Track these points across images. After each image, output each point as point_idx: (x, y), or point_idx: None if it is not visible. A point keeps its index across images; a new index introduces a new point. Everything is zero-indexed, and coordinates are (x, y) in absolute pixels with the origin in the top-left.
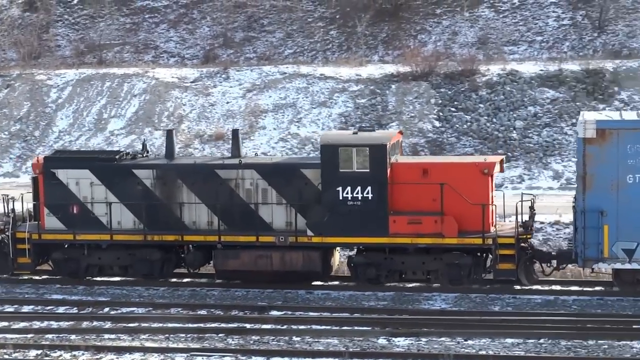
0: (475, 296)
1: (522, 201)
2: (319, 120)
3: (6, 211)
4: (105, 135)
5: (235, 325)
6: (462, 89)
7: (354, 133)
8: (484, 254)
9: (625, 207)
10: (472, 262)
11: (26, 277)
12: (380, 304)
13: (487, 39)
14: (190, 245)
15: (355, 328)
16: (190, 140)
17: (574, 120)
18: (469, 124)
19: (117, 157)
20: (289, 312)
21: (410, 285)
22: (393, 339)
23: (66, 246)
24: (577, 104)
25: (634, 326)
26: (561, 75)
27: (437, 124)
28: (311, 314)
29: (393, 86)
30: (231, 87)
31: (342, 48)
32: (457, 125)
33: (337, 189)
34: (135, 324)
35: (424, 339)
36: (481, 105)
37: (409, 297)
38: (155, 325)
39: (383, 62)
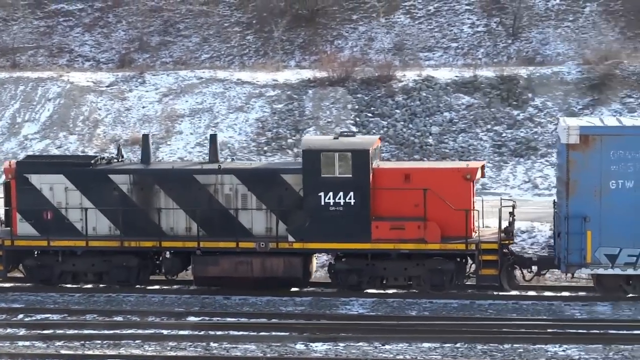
0: (393, 301)
1: (502, 207)
2: (236, 125)
3: None
4: (19, 139)
5: (152, 331)
6: (379, 95)
7: (334, 138)
8: (465, 260)
9: (608, 212)
10: (455, 268)
11: None
12: (298, 309)
13: (403, 45)
14: (168, 252)
15: (273, 333)
16: (106, 144)
17: (488, 126)
18: (385, 129)
19: (92, 161)
20: (207, 318)
21: (329, 290)
22: (311, 344)
23: (36, 253)
24: (492, 110)
25: (548, 330)
26: (476, 81)
27: (353, 129)
28: (229, 319)
29: (310, 91)
30: (147, 91)
31: (259, 53)
32: (374, 131)
33: (319, 194)
34: (50, 331)
35: (341, 344)
36: (397, 111)
37: (327, 302)
38: (70, 331)
39: (300, 68)
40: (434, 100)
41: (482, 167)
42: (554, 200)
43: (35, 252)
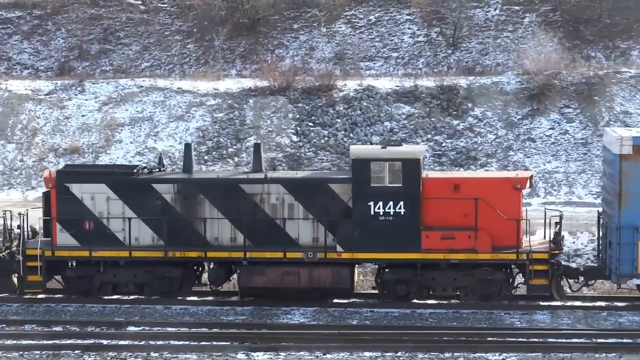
0: (334, 310)
1: (550, 217)
2: (176, 134)
3: (8, 228)
4: None
5: (91, 341)
6: (320, 104)
7: (382, 147)
8: (510, 270)
9: None
10: (505, 278)
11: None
12: (239, 319)
13: (344, 55)
14: (212, 262)
15: (214, 343)
16: (45, 153)
17: (429, 136)
18: (326, 138)
19: (134, 171)
20: (147, 328)
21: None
22: (252, 353)
23: (73, 264)
24: (432, 119)
25: (488, 338)
26: (416, 91)
27: (294, 138)
28: (169, 329)
29: (251, 100)
30: (87, 99)
31: (200, 62)
32: (315, 140)
33: (369, 203)
34: None
35: (283, 354)
36: (338, 120)
37: (268, 311)
38: (8, 342)
39: (241, 77)
40: (374, 110)
41: (531, 178)
42: (599, 210)
43: (69, 263)
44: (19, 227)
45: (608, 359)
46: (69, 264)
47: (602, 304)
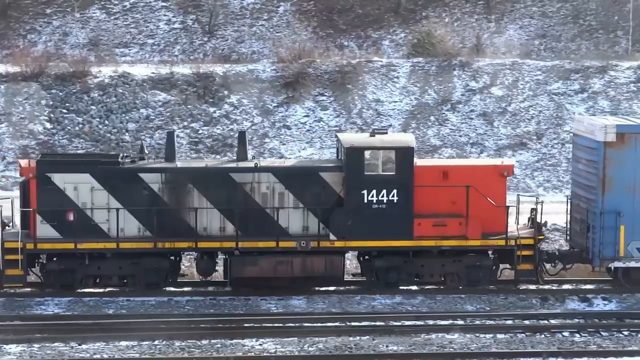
0: (89, 300)
1: (537, 203)
2: None
3: None
4: None
5: None
6: (74, 91)
7: (371, 135)
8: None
9: None
10: (493, 264)
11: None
12: None
13: (99, 41)
14: (200, 252)
15: None
16: None
17: (185, 123)
18: (81, 126)
19: (119, 160)
20: None
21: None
22: (4, 346)
23: (45, 257)
24: (189, 107)
25: (245, 325)
26: (172, 78)
27: (48, 125)
28: None
29: (2, 87)
30: None
31: None
32: (69, 127)
33: (362, 192)
34: None
35: (36, 345)
36: (93, 107)
37: (20, 302)
38: None
39: None
40: (130, 97)
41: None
42: (567, 196)
43: (43, 256)
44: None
45: (362, 342)
46: (43, 257)
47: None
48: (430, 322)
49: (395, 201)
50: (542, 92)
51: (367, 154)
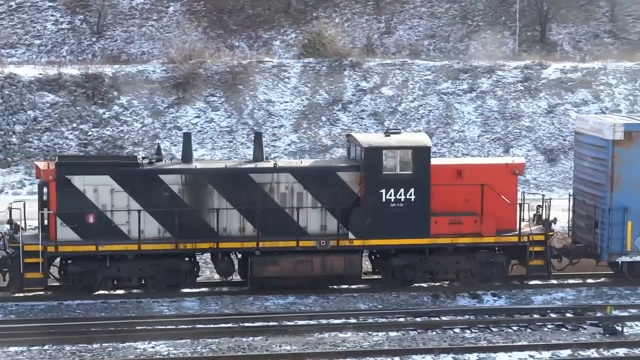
0: None
1: (543, 200)
2: None
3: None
4: None
5: None
6: None
7: (386, 135)
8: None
9: None
10: (506, 260)
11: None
12: None
13: None
14: (221, 253)
15: None
16: None
17: (74, 125)
18: None
19: (139, 161)
20: None
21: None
22: None
23: (66, 260)
24: (77, 108)
25: (137, 327)
26: (61, 79)
27: None
28: None
29: None
30: None
31: None
32: None
33: (380, 191)
34: None
35: None
36: None
37: None
38: None
39: None
40: (17, 99)
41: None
42: (570, 193)
43: (59, 259)
44: (11, 221)
45: (255, 342)
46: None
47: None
48: (324, 321)
49: (412, 200)
50: (431, 91)
51: (385, 153)
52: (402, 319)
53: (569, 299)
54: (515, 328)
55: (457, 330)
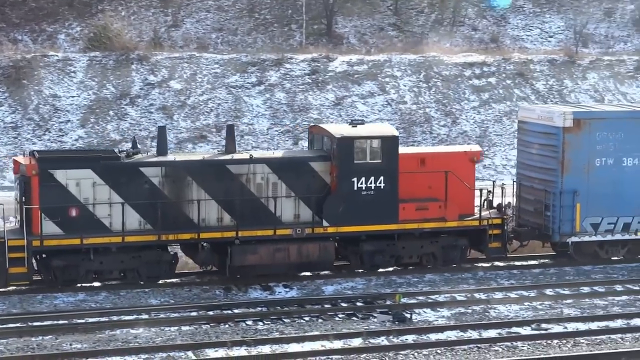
0: None
1: (502, 187)
2: None
3: None
4: None
5: None
6: None
7: (353, 126)
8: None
9: (593, 186)
10: (467, 243)
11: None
12: None
13: None
14: (201, 244)
15: None
16: None
17: None
18: None
19: (119, 155)
20: None
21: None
22: None
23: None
24: None
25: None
26: None
27: None
28: None
29: None
30: None
31: None
32: None
33: (352, 179)
34: None
35: None
36: None
37: None
38: None
39: None
40: None
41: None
42: (514, 179)
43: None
44: None
45: (45, 341)
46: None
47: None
48: (115, 317)
49: (382, 187)
50: (220, 85)
51: (356, 143)
52: (194, 313)
53: (359, 288)
54: (307, 318)
55: (249, 322)
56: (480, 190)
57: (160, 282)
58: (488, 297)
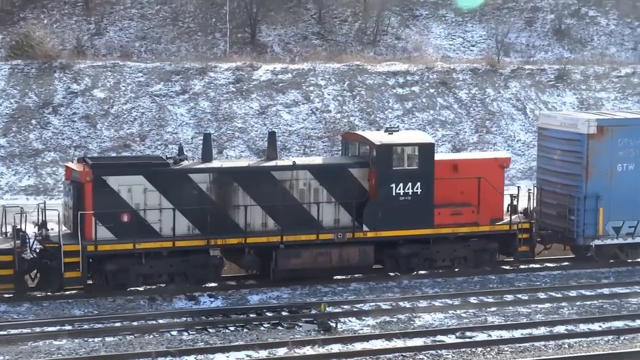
0: None
1: (530, 191)
2: None
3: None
4: None
5: None
6: None
7: (389, 133)
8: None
9: (615, 191)
10: (497, 247)
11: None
12: None
13: None
14: (247, 248)
15: None
16: None
17: None
18: None
19: (168, 161)
20: None
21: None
22: None
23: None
24: None
25: None
26: None
27: None
28: None
29: None
30: None
31: None
32: None
33: (391, 185)
34: None
35: None
36: None
37: None
38: None
39: None
40: None
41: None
42: (534, 184)
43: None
44: (38, 224)
45: None
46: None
47: None
48: (37, 329)
49: (419, 193)
50: (144, 93)
51: (395, 150)
52: (118, 324)
53: (284, 297)
54: (232, 328)
55: (174, 332)
56: (511, 195)
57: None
58: (413, 306)
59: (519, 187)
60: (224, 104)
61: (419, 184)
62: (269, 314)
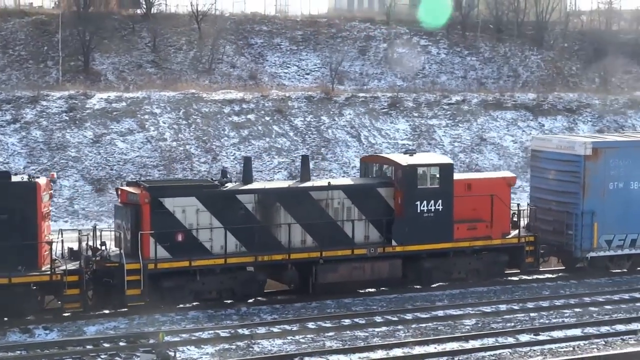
0: None
1: (529, 207)
2: None
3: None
4: None
5: None
6: None
7: (410, 155)
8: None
9: (608, 207)
10: (507, 259)
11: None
12: None
13: None
14: (290, 264)
15: None
16: None
17: None
18: None
19: (218, 183)
20: None
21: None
22: None
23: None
24: None
25: None
26: None
27: None
28: None
29: None
30: None
31: None
32: None
33: (416, 203)
34: None
35: None
36: None
37: None
38: None
39: None
40: None
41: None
42: (528, 203)
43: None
44: (102, 244)
45: None
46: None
47: None
48: None
49: (440, 210)
50: None
51: (419, 170)
52: None
53: (121, 327)
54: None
55: None
56: (520, 211)
57: None
58: (251, 332)
59: (518, 204)
60: (57, 133)
61: (440, 201)
62: (106, 345)
